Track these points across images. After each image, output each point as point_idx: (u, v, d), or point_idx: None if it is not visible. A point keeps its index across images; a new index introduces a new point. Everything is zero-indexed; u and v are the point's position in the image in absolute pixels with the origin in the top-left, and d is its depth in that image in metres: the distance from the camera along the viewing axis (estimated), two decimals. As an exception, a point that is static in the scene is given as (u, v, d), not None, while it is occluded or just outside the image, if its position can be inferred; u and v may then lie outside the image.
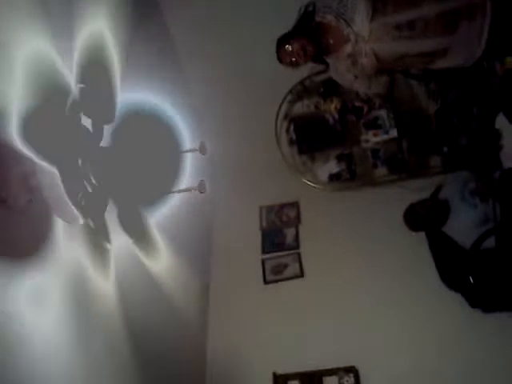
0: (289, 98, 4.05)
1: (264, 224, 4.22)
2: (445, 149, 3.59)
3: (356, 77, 2.35)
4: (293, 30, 2.37)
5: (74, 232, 1.97)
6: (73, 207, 1.74)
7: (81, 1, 2.10)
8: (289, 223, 4.18)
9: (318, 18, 2.33)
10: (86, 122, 1.96)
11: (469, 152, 3.35)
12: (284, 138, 4.12)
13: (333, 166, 4.00)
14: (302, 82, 3.99)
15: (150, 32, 3.30)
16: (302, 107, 4.07)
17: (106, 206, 2.05)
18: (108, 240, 2.19)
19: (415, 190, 3.52)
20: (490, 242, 2.79)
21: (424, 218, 3.18)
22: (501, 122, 2.98)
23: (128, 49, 2.61)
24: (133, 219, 2.48)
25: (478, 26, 2.15)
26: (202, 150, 2.59)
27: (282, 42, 2.36)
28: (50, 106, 1.81)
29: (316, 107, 3.98)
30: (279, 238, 4.16)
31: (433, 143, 3.66)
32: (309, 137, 4.07)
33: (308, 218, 4.12)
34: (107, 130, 2.12)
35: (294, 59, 2.32)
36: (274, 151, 4.03)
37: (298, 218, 4.16)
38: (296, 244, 4.04)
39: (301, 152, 4.09)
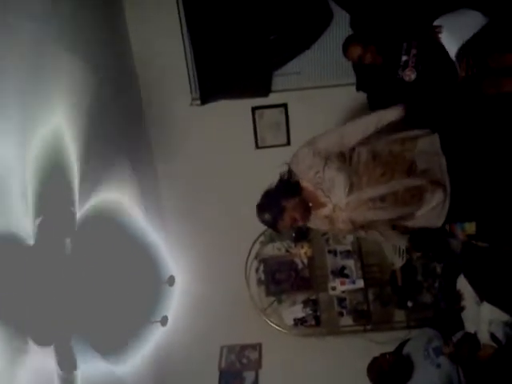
0: (261, 238, 4.17)
1: (223, 364, 4.09)
2: (409, 304, 3.68)
3: (332, 231, 2.52)
4: (281, 189, 2.46)
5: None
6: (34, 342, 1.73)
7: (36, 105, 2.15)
8: (249, 366, 4.07)
9: (296, 178, 2.45)
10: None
11: (432, 310, 3.45)
12: (253, 277, 4.16)
13: (299, 311, 4.00)
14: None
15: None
16: (273, 249, 4.18)
17: (72, 333, 2.00)
18: (74, 368, 2.08)
19: (379, 343, 3.52)
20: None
21: (387, 373, 3.13)
22: (461, 283, 3.11)
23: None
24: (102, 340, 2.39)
25: (440, 198, 2.39)
26: (170, 281, 2.62)
27: (278, 202, 2.41)
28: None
29: (287, 251, 4.10)
30: (237, 381, 4.01)
31: (398, 297, 3.76)
32: (277, 279, 4.13)
33: (269, 363, 4.02)
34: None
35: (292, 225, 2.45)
36: (242, 289, 4.04)
37: (258, 362, 4.06)
38: (254, 389, 3.90)
39: (268, 293, 4.11)
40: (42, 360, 1.89)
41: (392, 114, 2.51)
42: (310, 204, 2.44)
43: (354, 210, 2.37)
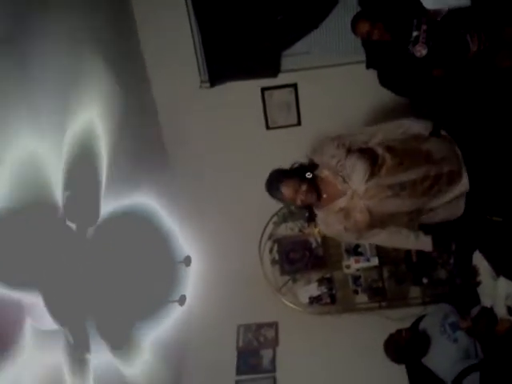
0: (274, 219, 4.19)
1: (241, 343, 4.15)
2: (424, 280, 3.70)
3: (346, 229, 2.49)
4: (294, 171, 2.51)
5: (46, 337, 1.93)
6: (51, 316, 1.75)
7: (72, 97, 2.23)
8: (266, 344, 4.12)
9: (315, 172, 2.50)
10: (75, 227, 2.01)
11: (448, 285, 3.47)
12: (267, 257, 4.20)
13: (314, 289, 4.04)
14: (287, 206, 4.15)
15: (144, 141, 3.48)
16: (286, 229, 4.20)
17: (87, 314, 2.04)
18: (88, 349, 2.13)
19: (395, 320, 3.56)
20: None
21: (404, 349, 3.17)
22: (477, 258, 3.12)
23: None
24: (113, 328, 2.43)
25: (456, 190, 2.43)
26: (186, 262, 2.64)
27: (284, 176, 2.48)
28: (36, 209, 1.84)
29: (300, 230, 4.12)
30: (255, 359, 4.07)
31: (413, 274, 3.78)
32: (291, 258, 4.16)
33: (286, 340, 4.07)
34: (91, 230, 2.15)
35: (293, 198, 2.45)
36: (257, 270, 4.08)
37: (275, 340, 4.11)
38: (272, 367, 3.96)
39: (283, 272, 4.16)
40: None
41: (420, 128, 2.55)
42: (325, 195, 2.46)
43: (373, 198, 2.37)
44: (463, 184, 2.41)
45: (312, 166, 2.51)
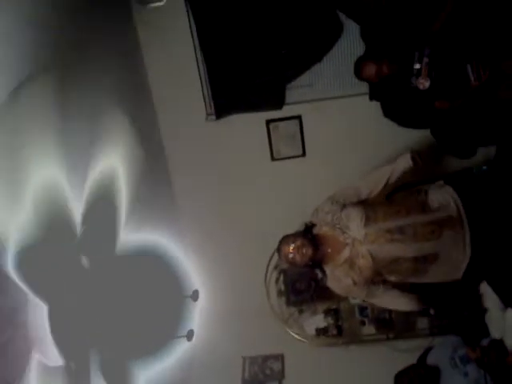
0: (280, 249, 4.17)
1: (246, 376, 4.10)
2: (432, 311, 3.67)
3: (355, 283, 2.49)
4: (293, 233, 2.61)
5: (52, 373, 1.91)
6: (56, 348, 1.74)
7: (98, 141, 2.28)
8: (272, 377, 4.07)
9: (314, 231, 2.57)
10: (84, 261, 2.02)
11: (455, 317, 3.44)
12: (273, 288, 4.17)
13: (320, 320, 4.01)
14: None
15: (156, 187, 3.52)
16: (291, 259, 4.18)
17: (90, 349, 2.03)
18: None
19: (402, 351, 3.52)
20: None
21: (417, 387, 3.13)
22: (484, 289, 3.10)
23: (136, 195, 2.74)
24: (116, 367, 2.41)
25: (459, 236, 2.46)
26: (194, 296, 2.64)
27: (285, 238, 2.60)
28: (52, 239, 1.84)
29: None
30: (261, 393, 4.02)
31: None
32: (297, 289, 4.14)
33: (292, 373, 4.03)
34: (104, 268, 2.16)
35: (292, 255, 2.54)
36: (263, 301, 4.05)
37: (282, 372, 4.06)
38: (279, 400, 3.91)
39: (289, 304, 4.12)
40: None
41: (401, 165, 2.65)
42: (329, 250, 2.51)
43: (374, 243, 2.42)
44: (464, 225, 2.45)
45: (311, 227, 2.60)
